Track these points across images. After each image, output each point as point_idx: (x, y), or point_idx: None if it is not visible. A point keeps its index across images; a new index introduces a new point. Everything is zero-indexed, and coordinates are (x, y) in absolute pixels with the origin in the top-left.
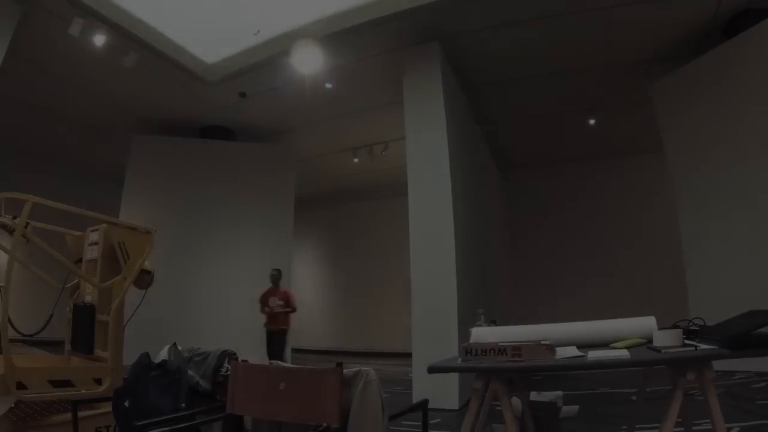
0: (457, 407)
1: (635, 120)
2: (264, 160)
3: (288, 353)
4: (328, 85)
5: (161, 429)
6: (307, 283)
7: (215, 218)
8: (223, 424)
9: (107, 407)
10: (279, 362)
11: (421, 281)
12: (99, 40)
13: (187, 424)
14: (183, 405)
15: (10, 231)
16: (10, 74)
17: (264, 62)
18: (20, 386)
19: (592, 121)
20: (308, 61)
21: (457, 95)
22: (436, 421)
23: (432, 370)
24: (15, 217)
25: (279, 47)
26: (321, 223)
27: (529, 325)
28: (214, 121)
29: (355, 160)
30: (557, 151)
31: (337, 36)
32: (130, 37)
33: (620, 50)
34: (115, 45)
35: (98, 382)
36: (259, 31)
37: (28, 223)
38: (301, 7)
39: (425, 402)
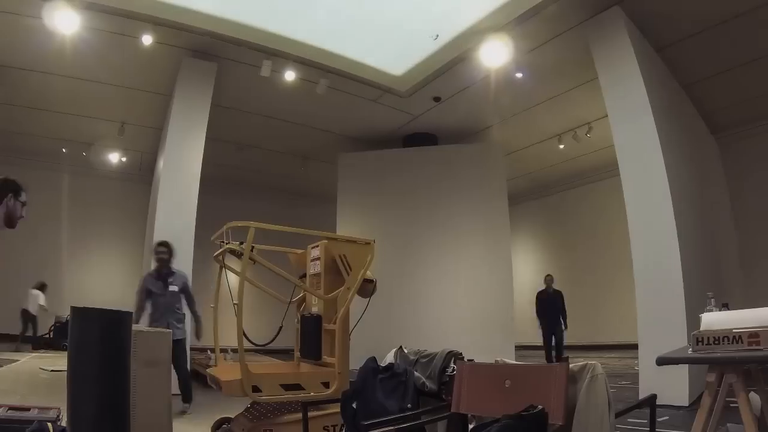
0: (686, 404)
1: None
2: (469, 160)
3: None
4: (519, 75)
5: (387, 428)
6: (526, 276)
7: (428, 223)
8: (447, 423)
9: (334, 408)
10: (504, 360)
11: (644, 267)
12: (289, 75)
13: (411, 423)
14: (409, 406)
15: (239, 255)
16: (216, 122)
17: (450, 64)
18: (255, 389)
19: None
20: (495, 54)
21: (651, 58)
22: (664, 418)
23: (661, 361)
24: (242, 243)
25: (462, 46)
26: (534, 215)
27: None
28: (415, 129)
29: (561, 146)
30: None
31: (518, 21)
32: (316, 66)
33: None
34: (305, 76)
35: (326, 385)
36: (438, 36)
37: (253, 247)
38: (475, 2)
39: (653, 398)
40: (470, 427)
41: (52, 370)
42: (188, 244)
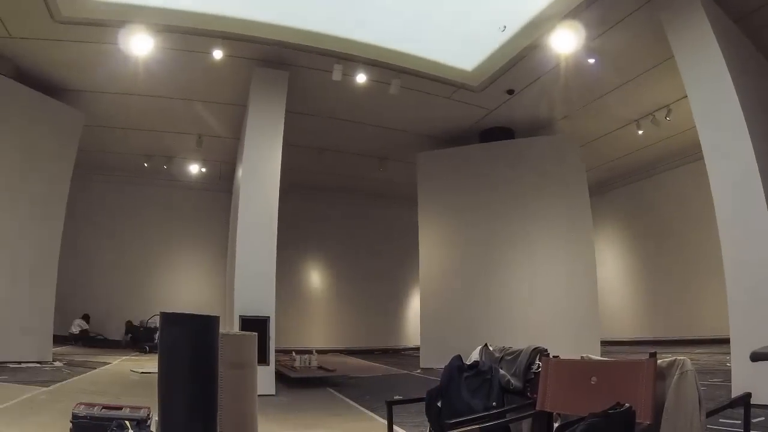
0: None
1: None
2: (545, 152)
3: None
4: (591, 60)
5: (471, 427)
6: (611, 271)
7: (508, 218)
8: (531, 421)
9: None
10: (590, 356)
11: (734, 254)
12: (360, 78)
13: (496, 422)
14: (494, 404)
15: None
16: (293, 128)
17: (520, 55)
18: None
19: None
20: (564, 41)
21: (729, 29)
22: (759, 419)
23: (755, 357)
24: None
25: (530, 35)
26: (618, 205)
27: None
28: (491, 124)
29: (640, 132)
30: None
31: (586, 4)
32: (387, 67)
33: None
34: (376, 78)
35: None
36: (505, 27)
37: None
38: None
39: (747, 396)
40: (555, 425)
41: (142, 372)
42: (271, 249)
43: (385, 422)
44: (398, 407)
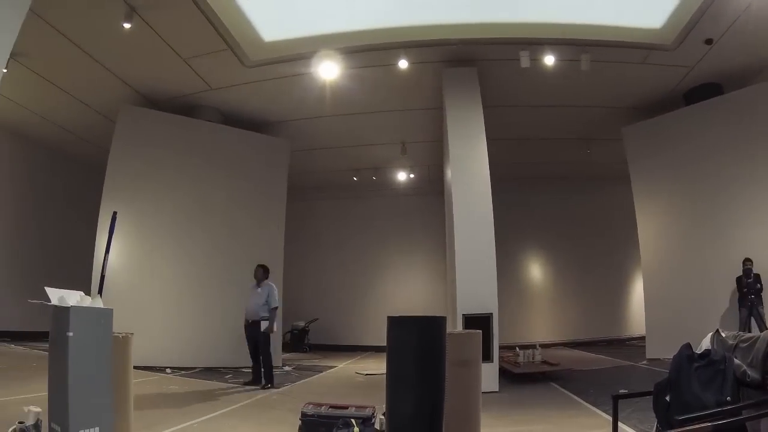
0: None
1: None
2: (763, 101)
3: None
4: None
5: (703, 425)
6: None
7: (737, 183)
8: None
9: None
10: None
11: None
12: (549, 60)
13: (730, 419)
14: (728, 399)
15: None
16: (490, 122)
17: None
18: None
19: None
20: None
21: None
22: None
23: None
24: None
25: None
26: None
27: None
28: (695, 82)
29: None
30: None
31: None
32: (573, 44)
33: None
34: (564, 57)
35: None
36: None
37: None
38: None
39: None
40: None
41: (366, 374)
42: (489, 245)
43: (609, 418)
44: (623, 402)
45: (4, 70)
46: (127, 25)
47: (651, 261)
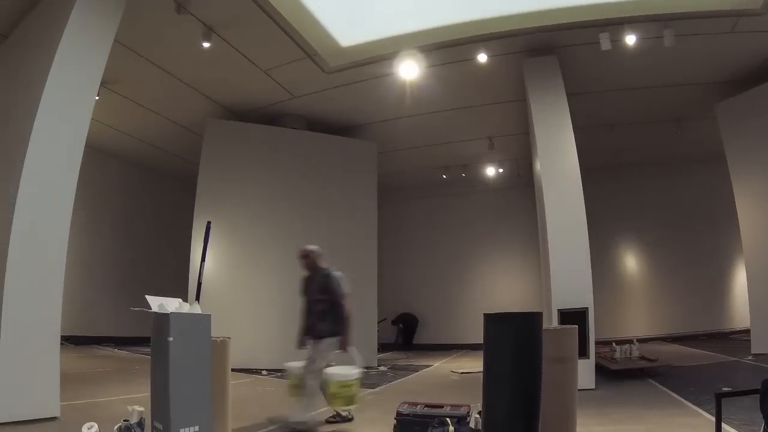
0: None
1: None
2: None
3: None
4: None
5: None
6: None
7: None
8: None
9: None
10: None
11: None
12: (630, 39)
13: None
14: None
15: None
16: (576, 110)
17: None
18: None
19: None
20: None
21: None
22: None
23: None
24: None
25: None
26: None
27: None
28: None
29: None
30: None
31: None
32: (653, 19)
33: None
34: (646, 34)
35: None
36: None
37: None
38: None
39: None
40: None
41: (462, 373)
42: (583, 237)
43: (712, 418)
44: (726, 400)
45: (96, 98)
46: (206, 44)
47: (753, 246)
